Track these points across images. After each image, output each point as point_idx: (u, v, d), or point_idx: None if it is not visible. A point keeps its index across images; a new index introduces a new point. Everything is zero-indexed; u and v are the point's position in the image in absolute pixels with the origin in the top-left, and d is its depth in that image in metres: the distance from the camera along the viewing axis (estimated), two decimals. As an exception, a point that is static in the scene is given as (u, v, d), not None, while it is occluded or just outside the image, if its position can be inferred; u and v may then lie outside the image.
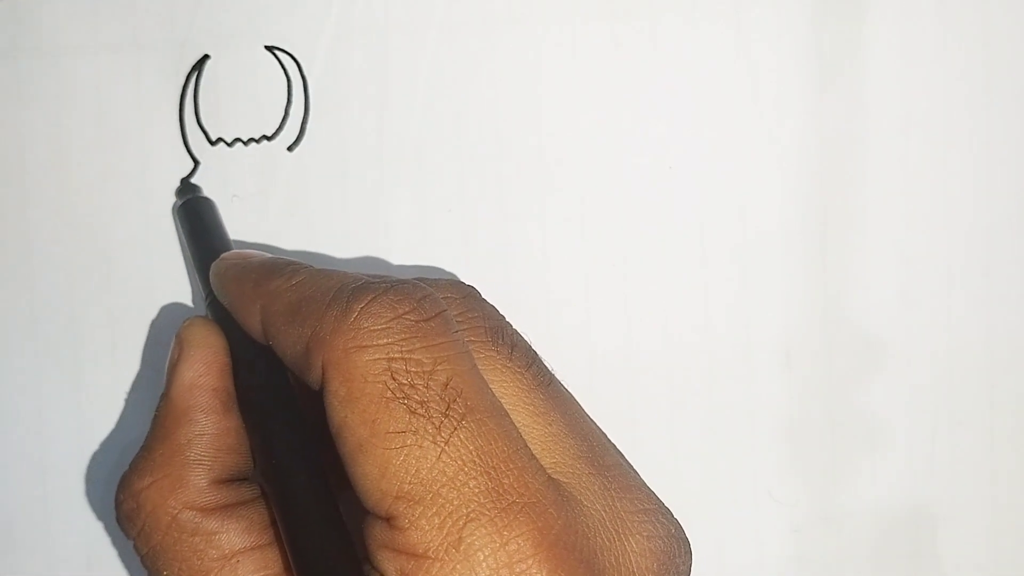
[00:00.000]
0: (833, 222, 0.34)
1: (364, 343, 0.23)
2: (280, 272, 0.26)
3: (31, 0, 0.33)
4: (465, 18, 0.34)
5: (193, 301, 0.33)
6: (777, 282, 0.34)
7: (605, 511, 0.23)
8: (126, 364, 0.33)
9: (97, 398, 0.33)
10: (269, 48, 0.33)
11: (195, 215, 0.32)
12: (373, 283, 0.24)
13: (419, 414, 0.22)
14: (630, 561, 0.23)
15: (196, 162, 0.33)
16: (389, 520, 0.22)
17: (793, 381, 0.34)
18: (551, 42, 0.34)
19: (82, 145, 0.33)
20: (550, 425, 0.24)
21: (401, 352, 0.23)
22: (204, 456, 0.27)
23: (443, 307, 0.24)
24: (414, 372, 0.22)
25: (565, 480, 0.23)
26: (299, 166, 0.34)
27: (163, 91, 0.33)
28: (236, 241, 0.33)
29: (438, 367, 0.23)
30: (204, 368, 0.27)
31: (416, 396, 0.22)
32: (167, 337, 0.29)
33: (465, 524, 0.21)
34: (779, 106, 0.34)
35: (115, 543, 0.33)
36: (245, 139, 0.34)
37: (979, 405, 0.34)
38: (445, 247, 0.34)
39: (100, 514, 0.33)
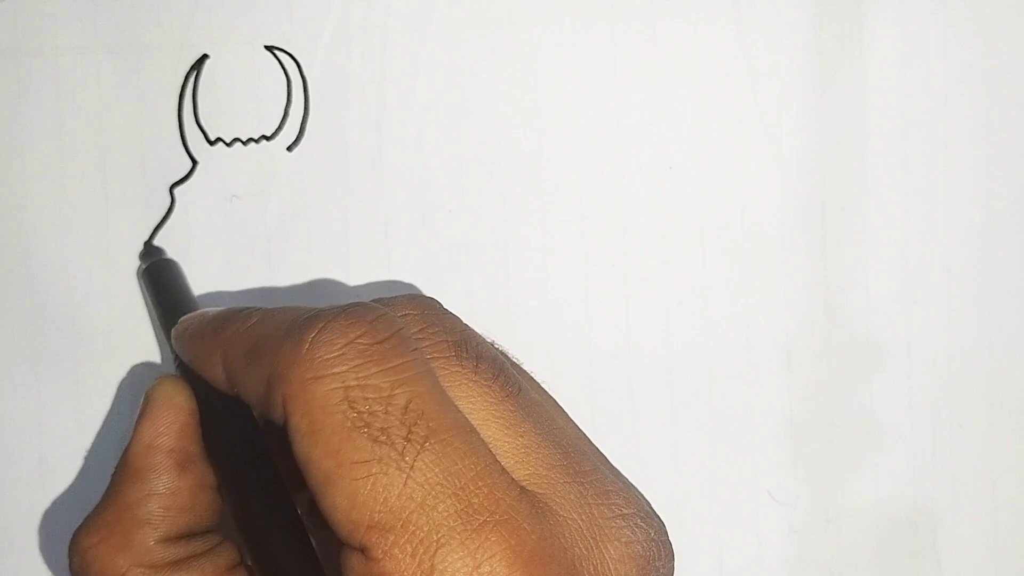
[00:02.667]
0: (833, 222, 0.34)
1: (320, 373, 0.22)
2: (235, 319, 0.26)
3: (31, 1, 0.33)
4: (465, 18, 0.34)
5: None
6: (777, 282, 0.34)
7: (582, 519, 0.23)
8: (122, 363, 0.33)
9: (97, 398, 0.33)
10: (268, 48, 0.33)
11: (158, 279, 0.32)
12: (324, 311, 0.24)
13: (381, 441, 0.22)
14: (609, 568, 0.23)
15: (194, 162, 0.33)
16: (363, 551, 0.22)
17: (793, 381, 0.34)
18: (551, 42, 0.34)
19: (82, 145, 0.33)
20: (522, 436, 0.24)
21: (357, 379, 0.22)
22: (153, 515, 0.27)
23: (398, 326, 0.24)
24: (372, 398, 0.22)
25: (540, 491, 0.23)
26: (298, 166, 0.34)
27: (162, 91, 0.33)
28: (236, 242, 0.33)
29: (396, 390, 0.22)
30: (164, 428, 0.27)
31: (377, 423, 0.22)
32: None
33: (437, 550, 0.21)
34: (779, 106, 0.34)
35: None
36: (244, 139, 0.34)
37: (979, 405, 0.34)
38: (445, 247, 0.34)
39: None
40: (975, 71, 0.34)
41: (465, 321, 0.26)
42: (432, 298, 0.26)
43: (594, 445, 0.26)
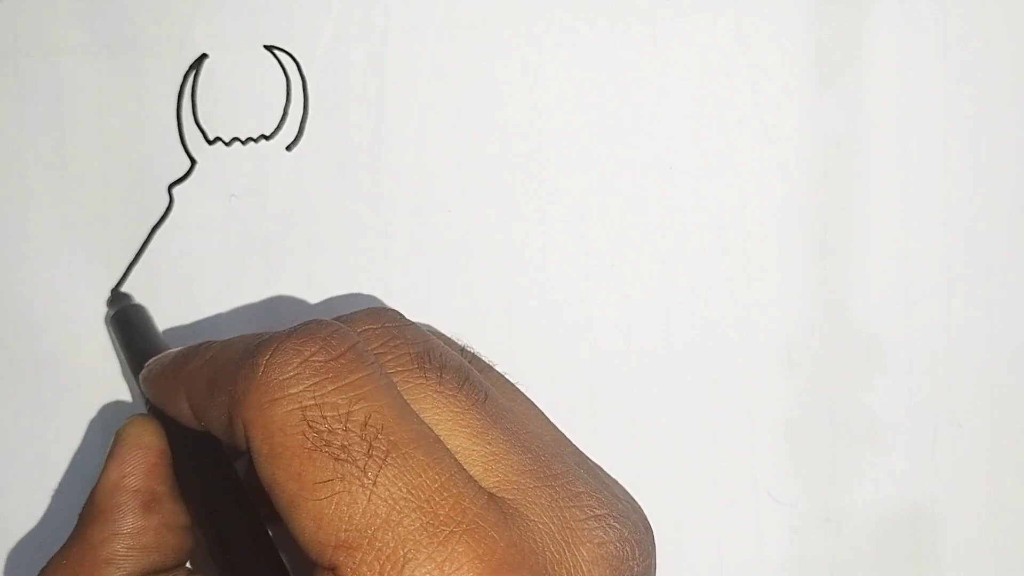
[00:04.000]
0: (833, 222, 0.34)
1: (275, 395, 0.22)
2: (194, 355, 0.26)
3: (31, 1, 0.33)
4: (465, 18, 0.34)
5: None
6: (777, 282, 0.34)
7: (554, 523, 0.23)
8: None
9: (99, 398, 0.33)
10: (268, 47, 0.34)
11: (126, 325, 0.32)
12: (277, 333, 0.24)
13: (342, 459, 0.22)
14: (582, 570, 0.22)
15: (193, 161, 0.33)
16: (333, 570, 0.22)
17: (793, 381, 0.34)
18: (551, 42, 0.34)
19: (81, 144, 0.33)
20: (489, 444, 0.24)
21: (314, 398, 0.22)
22: (117, 555, 0.27)
23: (352, 340, 0.23)
24: (331, 416, 0.22)
25: (510, 497, 0.23)
26: (297, 166, 0.34)
27: (161, 90, 0.33)
28: (234, 241, 0.33)
29: (354, 406, 0.22)
30: (130, 468, 0.27)
31: (336, 441, 0.22)
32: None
33: (404, 565, 0.21)
34: (779, 106, 0.34)
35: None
36: (243, 138, 0.34)
37: (979, 405, 0.34)
38: (444, 247, 0.34)
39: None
40: (975, 71, 0.34)
41: (431, 330, 0.26)
42: (393, 310, 0.26)
43: (572, 446, 0.26)
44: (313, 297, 0.33)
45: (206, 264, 0.33)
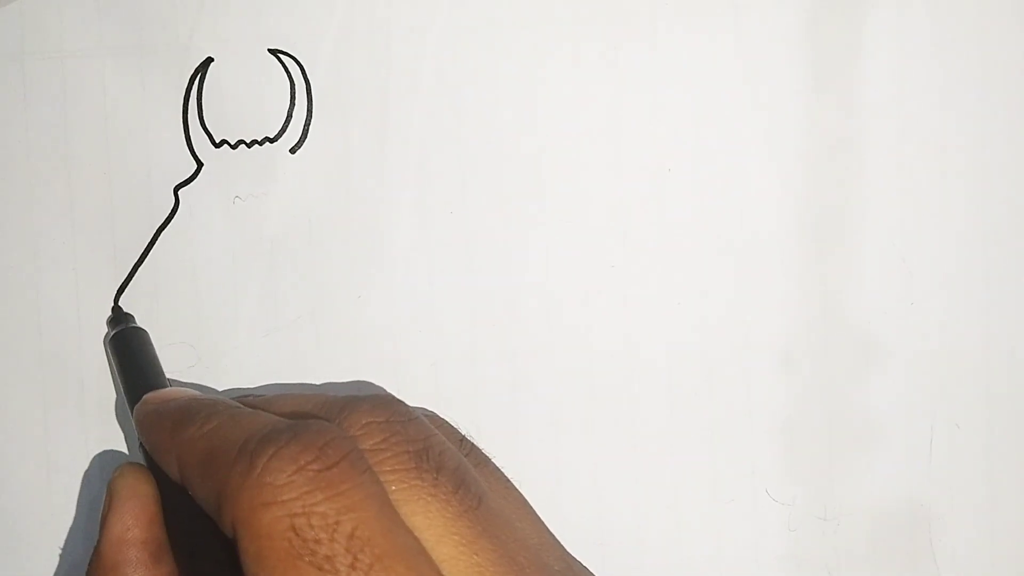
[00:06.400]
0: (830, 224, 0.34)
1: (267, 500, 0.22)
2: (193, 419, 0.26)
3: (37, 4, 0.34)
4: (467, 22, 0.34)
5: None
6: (775, 283, 0.34)
7: None
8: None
9: (102, 398, 0.34)
10: (272, 51, 0.34)
11: (125, 349, 0.32)
12: (277, 432, 0.24)
13: (326, 569, 0.22)
14: None
15: (200, 164, 0.34)
16: None
17: (791, 381, 0.34)
18: (552, 45, 0.34)
19: (87, 147, 0.33)
20: (476, 555, 0.24)
21: (303, 507, 0.22)
22: None
23: (349, 448, 0.24)
24: (318, 526, 0.22)
25: None
26: (301, 168, 0.34)
27: (167, 93, 0.34)
28: (239, 243, 0.33)
29: (342, 517, 0.22)
30: (132, 521, 0.27)
31: (322, 551, 0.22)
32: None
33: None
34: (777, 108, 0.34)
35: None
36: (248, 141, 0.34)
37: (976, 405, 0.34)
38: (446, 249, 0.34)
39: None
40: (971, 74, 0.34)
41: (435, 420, 0.26)
42: (398, 401, 0.26)
43: (558, 549, 0.26)
44: (315, 298, 0.34)
45: (211, 265, 0.34)
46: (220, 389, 0.34)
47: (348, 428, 0.25)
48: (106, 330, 0.33)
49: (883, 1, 0.34)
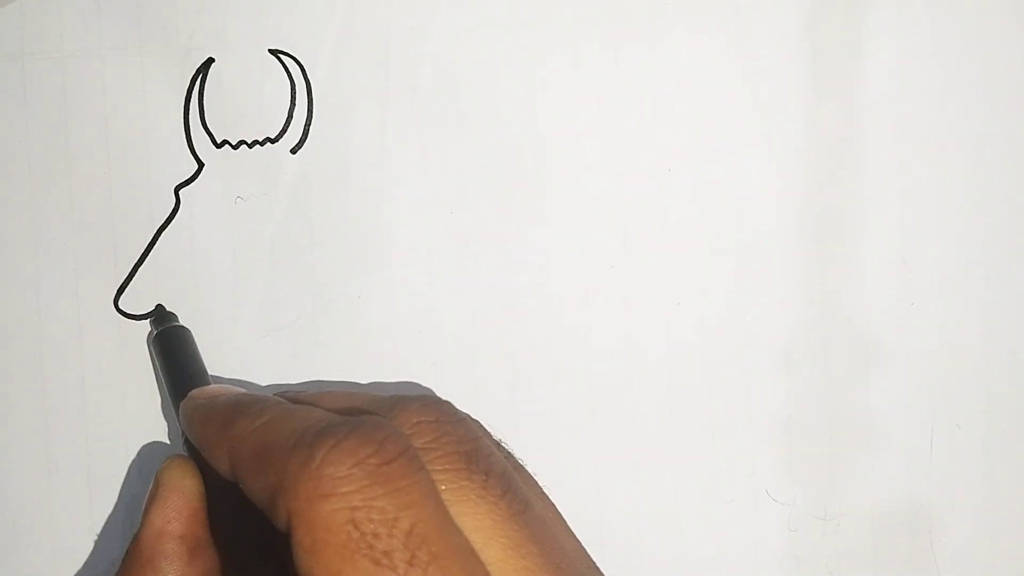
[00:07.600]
0: (830, 224, 0.34)
1: (326, 492, 0.22)
2: (244, 414, 0.26)
3: (38, 4, 0.34)
4: (467, 22, 0.34)
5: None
6: (775, 283, 0.34)
7: None
8: (130, 361, 0.34)
9: (102, 397, 0.34)
10: (273, 51, 0.34)
11: (169, 347, 0.32)
12: (335, 426, 0.23)
13: (384, 565, 0.22)
14: None
15: (201, 164, 0.34)
16: None
17: (791, 381, 0.34)
18: (552, 46, 0.34)
19: (88, 147, 0.34)
20: (524, 558, 0.24)
21: (363, 500, 0.22)
22: None
23: (406, 445, 0.24)
24: (377, 520, 0.22)
25: None
26: (302, 168, 0.34)
27: (168, 94, 0.34)
28: (240, 243, 0.33)
29: (401, 513, 0.22)
30: (174, 514, 0.27)
31: (380, 546, 0.22)
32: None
33: None
34: (777, 109, 0.34)
35: (119, 541, 0.33)
36: (249, 141, 0.34)
37: (976, 405, 0.34)
38: (447, 249, 0.34)
39: (105, 512, 0.33)
40: (971, 74, 0.34)
41: (479, 424, 0.26)
42: (447, 403, 0.26)
43: (589, 558, 0.26)
44: (315, 298, 0.34)
45: (212, 265, 0.34)
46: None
47: (399, 427, 0.25)
48: (108, 328, 0.33)
49: (883, 1, 0.34)
